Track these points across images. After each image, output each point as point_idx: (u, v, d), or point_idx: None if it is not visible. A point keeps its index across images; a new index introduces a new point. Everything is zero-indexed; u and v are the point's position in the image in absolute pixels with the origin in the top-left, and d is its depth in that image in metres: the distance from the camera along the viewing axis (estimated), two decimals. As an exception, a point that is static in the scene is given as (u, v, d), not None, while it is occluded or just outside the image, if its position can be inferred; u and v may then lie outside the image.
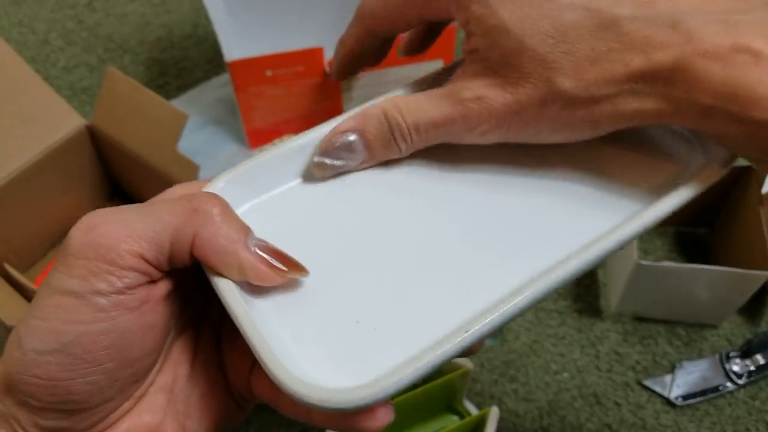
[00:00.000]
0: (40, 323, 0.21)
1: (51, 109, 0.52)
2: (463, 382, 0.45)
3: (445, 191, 0.27)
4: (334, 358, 0.23)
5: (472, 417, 0.44)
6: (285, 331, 0.24)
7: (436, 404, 0.47)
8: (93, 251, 0.21)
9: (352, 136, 0.27)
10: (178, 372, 0.26)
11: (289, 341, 0.23)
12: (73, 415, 0.22)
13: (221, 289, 0.23)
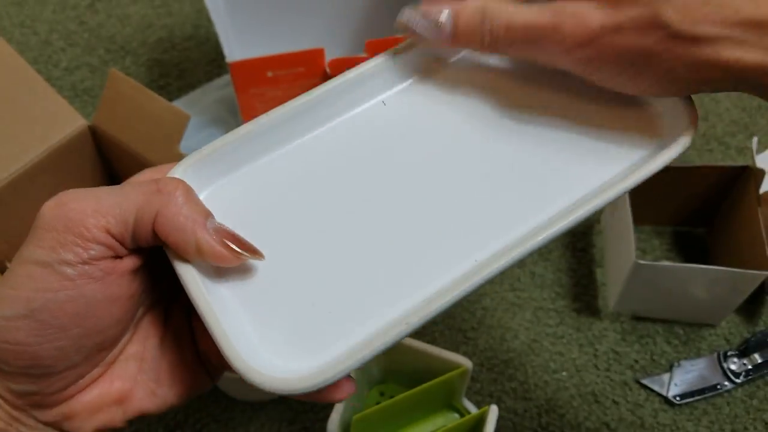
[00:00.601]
0: (10, 291, 0.22)
1: (53, 109, 0.52)
2: (462, 380, 0.45)
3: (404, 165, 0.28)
4: (291, 342, 0.24)
5: (471, 415, 0.44)
6: (244, 315, 0.24)
7: (436, 402, 0.48)
8: (62, 224, 0.22)
9: (444, 14, 0.27)
10: (149, 342, 0.27)
11: (248, 325, 0.24)
12: (42, 380, 0.23)
13: (182, 272, 0.24)
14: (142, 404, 0.26)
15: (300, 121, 0.28)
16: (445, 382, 0.44)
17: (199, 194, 0.26)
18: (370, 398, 0.49)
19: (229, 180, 0.27)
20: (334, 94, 0.29)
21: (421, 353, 0.45)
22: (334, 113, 0.29)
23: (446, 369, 0.44)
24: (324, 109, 0.29)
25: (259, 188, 0.27)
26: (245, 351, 0.23)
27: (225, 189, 0.27)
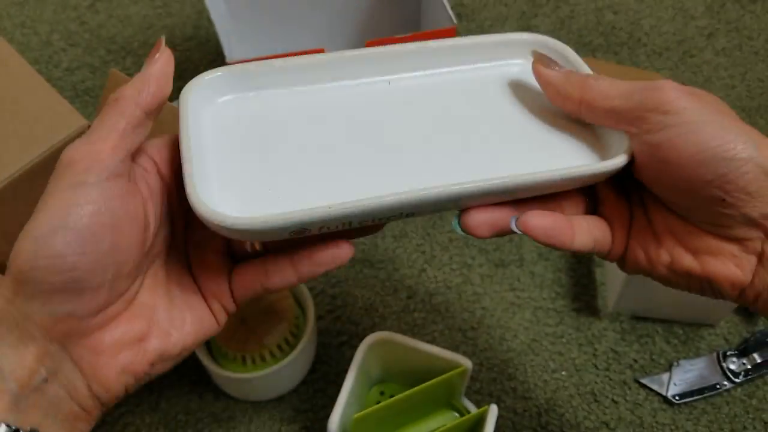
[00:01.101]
0: (45, 213, 0.26)
1: (53, 110, 0.52)
2: (461, 379, 0.45)
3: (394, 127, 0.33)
4: (242, 203, 0.29)
5: (471, 415, 0.44)
6: (214, 165, 0.30)
7: (435, 402, 0.48)
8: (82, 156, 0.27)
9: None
10: (157, 290, 0.30)
11: (214, 173, 0.30)
12: (78, 296, 0.26)
13: (182, 110, 0.31)
14: (160, 344, 0.29)
15: (324, 70, 0.35)
16: (444, 382, 0.44)
17: (224, 95, 0.33)
18: (370, 397, 0.50)
19: (254, 95, 0.34)
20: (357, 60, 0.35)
21: (421, 353, 0.45)
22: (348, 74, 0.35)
23: (446, 368, 0.44)
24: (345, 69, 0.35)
25: (272, 107, 0.34)
26: (203, 191, 0.28)
27: (247, 100, 0.34)
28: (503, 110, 0.35)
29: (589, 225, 0.32)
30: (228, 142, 0.32)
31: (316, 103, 0.34)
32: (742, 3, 0.84)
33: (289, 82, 0.34)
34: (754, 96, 0.73)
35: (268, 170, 0.31)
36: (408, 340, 0.45)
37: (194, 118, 0.31)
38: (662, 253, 0.31)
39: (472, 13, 0.82)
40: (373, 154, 0.32)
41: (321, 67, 0.34)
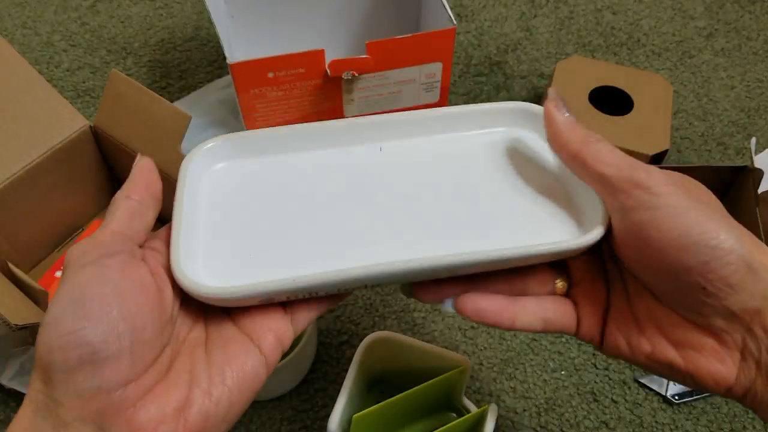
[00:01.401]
0: (54, 301, 0.26)
1: (54, 110, 0.52)
2: (461, 379, 0.46)
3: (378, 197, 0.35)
4: (222, 271, 0.31)
5: (470, 414, 0.44)
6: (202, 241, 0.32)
7: (435, 401, 0.48)
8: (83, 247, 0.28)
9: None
10: (196, 354, 0.29)
11: (200, 249, 0.32)
12: (99, 369, 0.25)
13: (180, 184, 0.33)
14: (201, 406, 0.27)
15: (315, 138, 0.36)
16: (444, 381, 0.44)
17: (221, 162, 0.36)
18: (370, 397, 0.50)
19: (249, 161, 0.36)
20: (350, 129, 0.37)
21: (421, 352, 0.45)
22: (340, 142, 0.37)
23: (446, 368, 0.44)
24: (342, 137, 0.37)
25: (265, 173, 0.36)
26: (188, 260, 0.30)
27: (242, 167, 0.36)
28: (486, 179, 0.36)
29: (540, 307, 0.32)
30: (219, 210, 0.34)
31: (307, 169, 0.36)
32: (742, 3, 0.84)
33: (284, 149, 0.36)
34: (753, 96, 0.73)
35: (252, 238, 0.33)
36: (408, 340, 0.45)
37: (190, 187, 0.33)
38: (643, 341, 0.31)
39: (471, 13, 0.82)
40: (353, 223, 0.33)
41: (315, 134, 0.36)
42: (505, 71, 0.75)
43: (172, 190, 0.50)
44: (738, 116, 0.71)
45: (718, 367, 0.29)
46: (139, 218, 0.30)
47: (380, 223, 0.33)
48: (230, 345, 0.30)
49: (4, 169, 0.49)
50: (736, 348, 0.29)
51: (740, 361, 0.29)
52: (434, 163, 0.36)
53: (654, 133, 0.59)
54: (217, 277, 0.31)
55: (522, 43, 0.79)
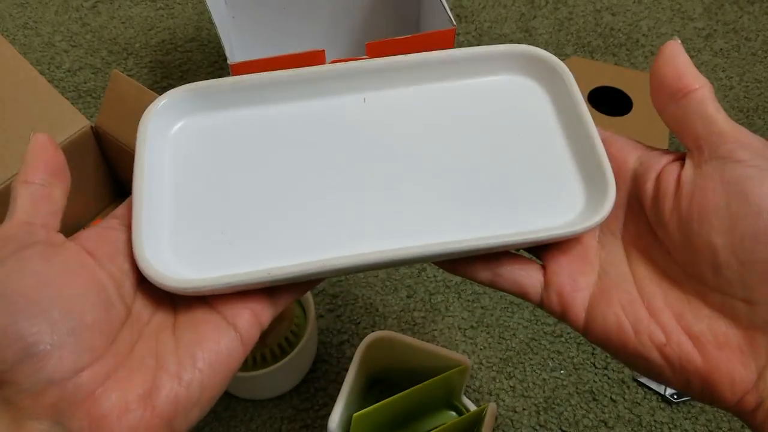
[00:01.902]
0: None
1: (56, 110, 0.52)
2: (461, 378, 0.46)
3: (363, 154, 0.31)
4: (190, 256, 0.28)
5: (470, 413, 0.44)
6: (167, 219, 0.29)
7: (435, 400, 0.48)
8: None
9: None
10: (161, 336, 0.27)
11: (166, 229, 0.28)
12: (41, 361, 0.24)
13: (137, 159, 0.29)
14: (170, 391, 0.25)
15: (288, 89, 0.32)
16: (444, 380, 0.44)
17: (180, 121, 0.31)
18: (370, 396, 0.50)
19: (209, 116, 0.31)
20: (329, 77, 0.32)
21: (421, 351, 0.46)
22: (319, 92, 0.32)
23: (446, 367, 0.45)
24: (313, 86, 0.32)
25: (227, 132, 0.31)
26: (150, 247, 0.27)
27: (201, 122, 0.31)
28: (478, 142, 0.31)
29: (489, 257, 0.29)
30: (182, 180, 0.30)
31: (281, 125, 0.31)
32: (740, 4, 0.84)
33: (252, 102, 0.32)
34: (751, 97, 0.73)
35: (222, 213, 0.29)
36: (408, 339, 0.46)
37: (149, 155, 0.29)
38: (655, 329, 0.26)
39: (471, 14, 0.82)
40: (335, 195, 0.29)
41: (288, 83, 0.32)
42: (504, 72, 0.76)
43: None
44: (736, 117, 0.71)
45: (740, 370, 0.25)
46: (44, 202, 0.27)
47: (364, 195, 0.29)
48: (201, 324, 0.27)
49: (5, 169, 0.50)
50: (763, 352, 0.25)
51: (764, 367, 0.25)
52: (425, 117, 0.32)
53: (653, 134, 0.59)
54: (185, 263, 0.27)
55: (521, 43, 0.79)
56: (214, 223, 0.29)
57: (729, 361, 0.25)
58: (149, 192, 0.28)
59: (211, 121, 0.31)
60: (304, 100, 0.32)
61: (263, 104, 0.32)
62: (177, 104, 0.31)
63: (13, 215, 0.27)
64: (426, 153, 0.31)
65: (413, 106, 0.32)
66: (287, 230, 0.29)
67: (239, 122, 0.31)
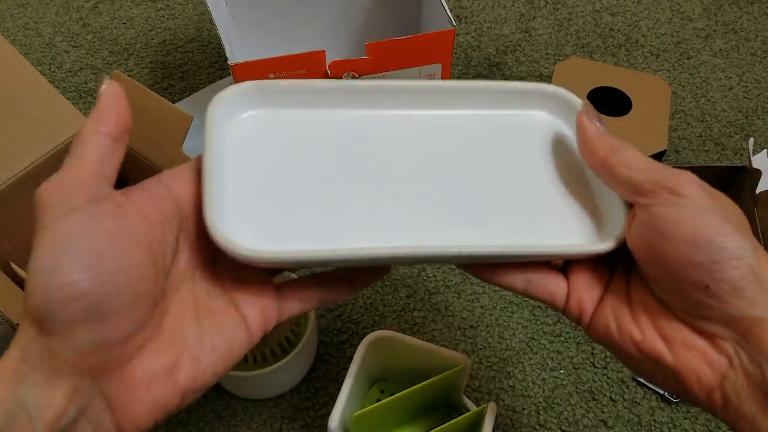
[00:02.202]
0: (43, 248, 0.24)
1: (56, 111, 0.52)
2: (461, 378, 0.46)
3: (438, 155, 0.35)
4: (258, 229, 0.30)
5: (470, 413, 0.44)
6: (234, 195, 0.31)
7: (435, 400, 0.48)
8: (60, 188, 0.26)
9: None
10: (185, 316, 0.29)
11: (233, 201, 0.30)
12: (100, 324, 0.25)
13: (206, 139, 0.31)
14: (191, 372, 0.27)
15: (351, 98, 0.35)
16: (444, 380, 0.44)
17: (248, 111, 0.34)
18: (370, 396, 0.50)
19: (272, 111, 0.34)
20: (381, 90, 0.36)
21: (421, 351, 0.46)
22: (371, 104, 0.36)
23: (445, 367, 0.45)
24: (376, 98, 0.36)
25: (294, 126, 0.34)
26: (220, 216, 0.29)
27: (264, 115, 0.34)
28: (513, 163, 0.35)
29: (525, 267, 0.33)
30: (249, 163, 0.32)
31: (338, 128, 0.35)
32: (740, 4, 0.84)
33: (313, 104, 0.35)
34: (751, 97, 0.74)
35: (285, 195, 0.32)
36: (408, 339, 0.46)
37: (218, 137, 0.32)
38: (634, 329, 0.31)
39: (471, 15, 0.82)
40: (385, 190, 0.33)
41: (347, 92, 0.35)
42: (504, 72, 0.76)
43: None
44: (736, 117, 0.72)
45: (705, 369, 0.29)
46: (110, 157, 0.27)
47: (414, 196, 0.33)
48: (221, 316, 0.29)
49: (6, 169, 0.50)
50: (725, 355, 0.28)
51: (728, 368, 0.28)
52: (464, 138, 0.36)
53: (652, 134, 0.59)
54: (253, 236, 0.30)
55: (521, 44, 0.79)
56: (279, 205, 0.31)
57: (694, 360, 0.29)
58: (218, 173, 0.30)
59: (274, 115, 0.34)
60: (358, 109, 0.35)
61: (321, 107, 0.35)
62: (244, 96, 0.34)
63: (82, 164, 0.26)
64: (464, 169, 0.34)
65: (452, 127, 0.36)
66: (342, 218, 0.31)
67: (299, 120, 0.35)
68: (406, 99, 0.36)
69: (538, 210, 0.33)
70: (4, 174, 0.49)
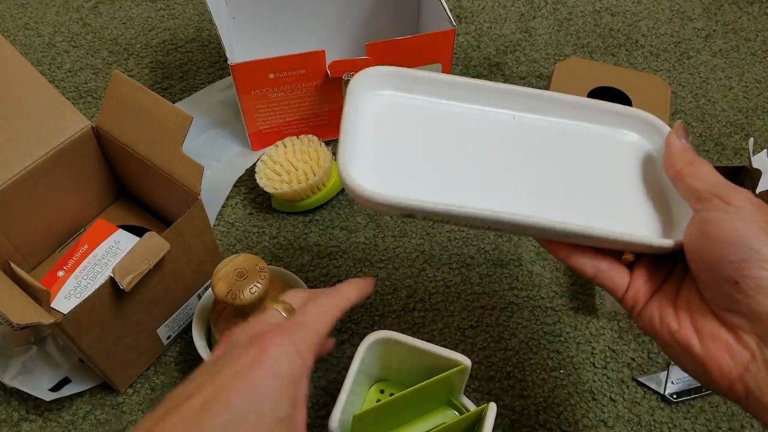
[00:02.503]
0: None
1: (57, 110, 0.52)
2: (461, 378, 0.46)
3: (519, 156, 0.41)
4: (380, 178, 0.37)
5: (470, 412, 0.44)
6: (363, 152, 0.38)
7: (435, 400, 0.48)
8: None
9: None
10: None
11: (362, 155, 0.38)
12: None
13: (349, 102, 0.39)
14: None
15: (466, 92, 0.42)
16: (444, 380, 0.44)
17: (384, 90, 0.42)
18: (370, 396, 0.50)
19: (402, 96, 0.42)
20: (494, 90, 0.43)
21: (421, 351, 0.46)
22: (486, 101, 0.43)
23: (445, 367, 0.45)
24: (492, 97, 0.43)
25: (418, 109, 0.42)
26: (351, 164, 0.36)
27: (396, 98, 0.42)
28: (601, 170, 0.41)
29: (598, 256, 0.38)
30: (378, 130, 0.40)
31: (457, 117, 0.42)
32: (740, 5, 0.84)
33: (436, 94, 0.42)
34: (750, 97, 0.74)
35: (404, 159, 0.39)
36: (408, 339, 0.46)
37: (356, 106, 0.40)
38: (672, 320, 0.35)
39: (471, 15, 0.82)
40: (492, 171, 0.40)
41: (465, 88, 0.42)
42: (504, 72, 0.76)
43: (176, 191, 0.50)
44: (736, 117, 0.72)
45: (727, 360, 0.32)
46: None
47: (512, 180, 0.40)
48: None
49: (6, 169, 0.50)
50: (749, 349, 0.32)
51: (750, 361, 0.32)
52: (560, 141, 0.42)
53: (652, 134, 0.60)
54: (374, 184, 0.36)
55: (521, 44, 0.79)
56: (399, 165, 0.39)
57: (719, 351, 0.33)
58: (353, 131, 0.38)
59: (405, 99, 0.42)
60: (475, 104, 0.42)
61: (443, 99, 0.42)
62: (383, 77, 0.42)
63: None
64: (558, 165, 0.41)
65: (550, 131, 0.42)
66: (456, 183, 0.39)
67: (425, 105, 0.42)
68: (513, 101, 0.42)
69: (617, 210, 0.39)
70: (4, 174, 0.49)
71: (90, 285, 0.53)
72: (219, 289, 0.44)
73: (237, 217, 0.62)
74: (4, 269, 0.49)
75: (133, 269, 0.43)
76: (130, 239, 0.56)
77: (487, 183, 0.39)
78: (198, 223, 0.49)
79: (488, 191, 0.38)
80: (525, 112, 0.43)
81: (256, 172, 0.60)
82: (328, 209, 0.63)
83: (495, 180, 0.39)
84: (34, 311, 0.42)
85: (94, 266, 0.54)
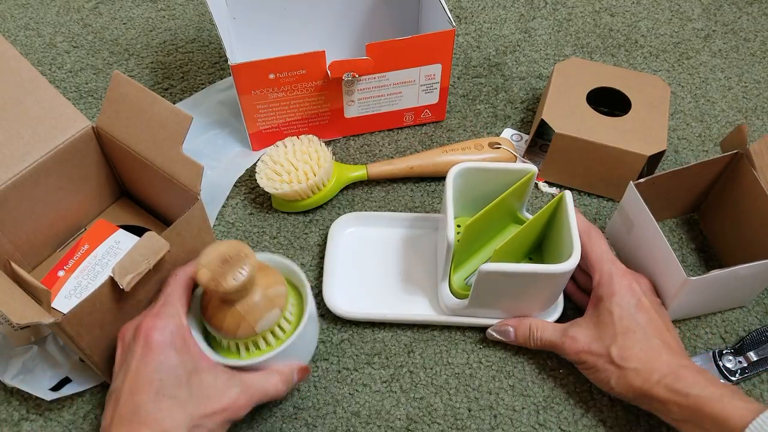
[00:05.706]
0: None
1: (57, 111, 0.52)
2: (529, 186, 0.55)
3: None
4: (349, 301, 0.56)
5: (551, 202, 0.52)
6: (340, 280, 0.57)
7: (508, 216, 0.57)
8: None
9: (510, 329, 0.53)
10: None
11: (340, 281, 0.57)
12: None
13: (329, 244, 0.59)
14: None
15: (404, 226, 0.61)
16: (518, 189, 0.53)
17: (350, 228, 0.62)
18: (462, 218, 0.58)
19: (364, 229, 0.61)
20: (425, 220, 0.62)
21: (490, 171, 0.54)
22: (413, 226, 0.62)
23: (514, 180, 0.54)
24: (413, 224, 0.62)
25: (373, 239, 0.61)
26: (330, 292, 0.56)
27: (360, 231, 0.61)
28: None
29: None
30: (343, 259, 0.59)
31: (393, 239, 0.60)
32: (739, 5, 0.84)
33: (385, 226, 0.61)
34: (750, 97, 0.74)
35: (361, 280, 0.58)
36: (483, 164, 0.54)
37: (334, 244, 0.59)
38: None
39: (471, 15, 0.83)
40: (423, 280, 0.58)
41: (402, 220, 0.61)
42: (503, 72, 0.76)
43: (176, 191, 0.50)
44: (735, 117, 0.72)
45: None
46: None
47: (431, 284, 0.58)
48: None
49: (6, 169, 0.50)
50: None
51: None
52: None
53: (652, 134, 0.60)
54: (343, 303, 0.56)
55: (521, 44, 0.79)
56: (359, 289, 0.57)
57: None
58: (331, 266, 0.58)
59: (366, 232, 0.61)
60: (404, 229, 0.62)
61: (390, 228, 0.61)
62: (350, 221, 0.61)
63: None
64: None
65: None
66: (393, 300, 0.57)
67: (377, 235, 0.61)
68: (432, 224, 0.61)
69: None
70: (5, 174, 0.50)
71: (90, 285, 0.53)
72: (201, 276, 0.42)
73: (237, 217, 0.62)
74: (4, 269, 0.49)
75: (132, 269, 0.43)
76: (131, 239, 0.56)
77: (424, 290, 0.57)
78: (198, 223, 0.49)
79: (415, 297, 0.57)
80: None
81: (256, 172, 0.61)
82: (328, 209, 0.63)
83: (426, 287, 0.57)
84: (34, 311, 0.42)
85: (95, 266, 0.55)
